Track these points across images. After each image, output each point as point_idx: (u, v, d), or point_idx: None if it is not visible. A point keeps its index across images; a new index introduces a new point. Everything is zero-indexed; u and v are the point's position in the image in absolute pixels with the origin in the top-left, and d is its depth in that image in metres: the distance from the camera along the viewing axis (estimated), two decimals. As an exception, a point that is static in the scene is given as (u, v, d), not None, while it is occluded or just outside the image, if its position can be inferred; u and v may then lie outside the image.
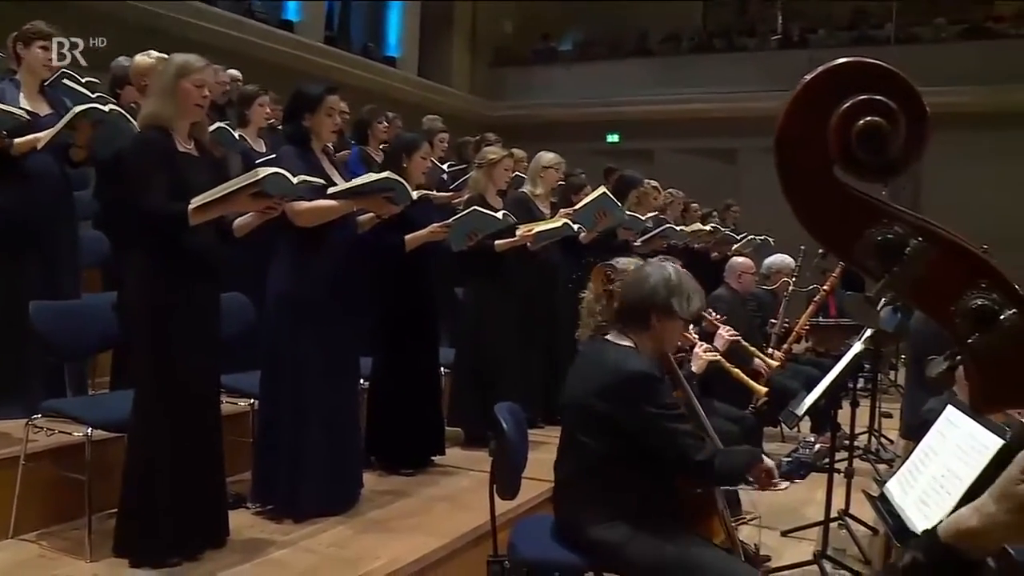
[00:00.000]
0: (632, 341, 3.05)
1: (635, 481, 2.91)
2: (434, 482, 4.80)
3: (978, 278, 0.90)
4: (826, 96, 0.89)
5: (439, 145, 7.25)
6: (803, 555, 4.51)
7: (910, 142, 0.88)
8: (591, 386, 2.97)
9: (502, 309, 5.60)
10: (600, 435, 2.93)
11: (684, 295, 3.04)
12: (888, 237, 0.89)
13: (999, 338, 0.89)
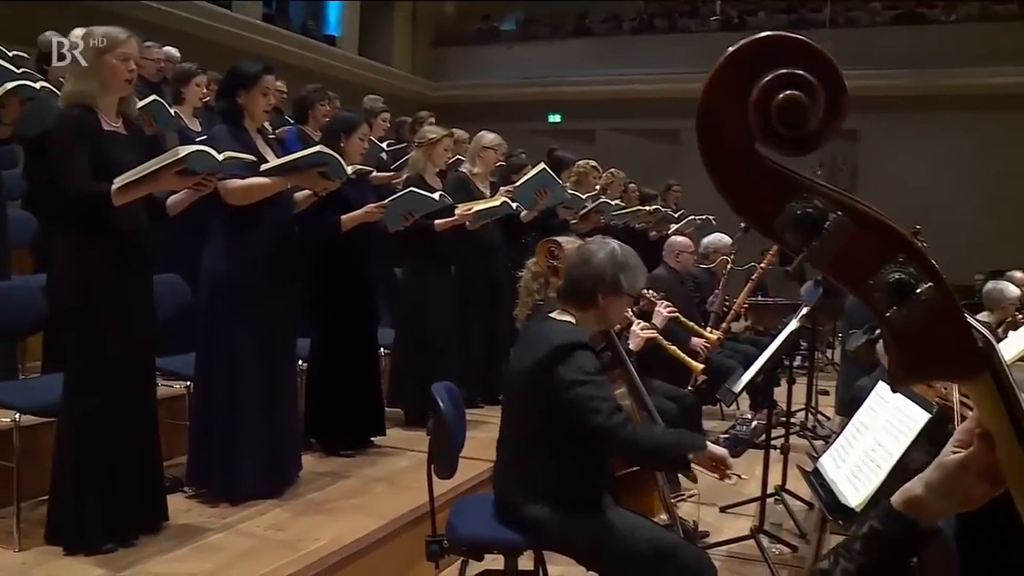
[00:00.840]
0: (574, 318, 3.05)
1: (571, 458, 2.92)
2: (374, 463, 4.79)
3: (895, 252, 0.90)
4: (746, 70, 0.88)
5: (380, 125, 7.18)
6: (741, 530, 4.58)
7: (829, 116, 0.87)
8: (529, 361, 2.96)
9: (441, 289, 5.60)
10: (537, 412, 2.92)
11: (630, 272, 3.05)
12: (807, 211, 0.89)
13: (915, 311, 0.90)
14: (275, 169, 4.00)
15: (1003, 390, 0.97)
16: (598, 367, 2.93)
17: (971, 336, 0.94)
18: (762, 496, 4.56)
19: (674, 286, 6.33)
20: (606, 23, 18.24)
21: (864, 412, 3.22)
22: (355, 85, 12.99)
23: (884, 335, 0.93)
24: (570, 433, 2.88)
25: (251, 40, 13.03)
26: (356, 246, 4.84)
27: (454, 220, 5.43)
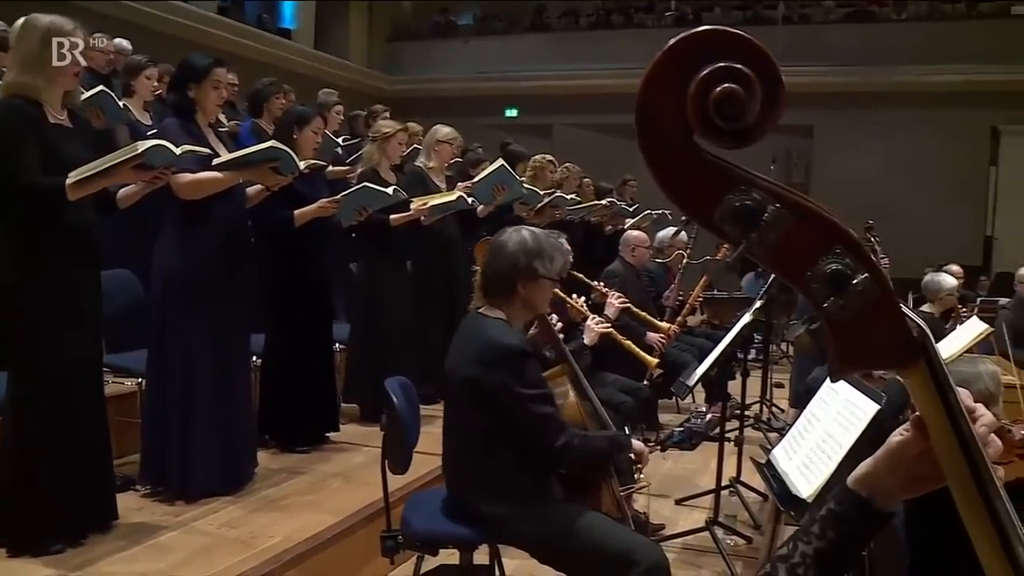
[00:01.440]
0: (503, 312, 3.05)
1: (519, 453, 2.92)
2: (328, 459, 4.77)
3: (832, 244, 0.91)
4: (684, 65, 0.89)
5: (334, 118, 7.13)
6: (696, 522, 4.63)
7: (766, 109, 0.88)
8: (466, 361, 2.96)
9: (397, 284, 5.58)
10: (479, 409, 2.92)
11: (545, 256, 3.03)
12: (746, 203, 0.90)
13: (852, 302, 0.91)
14: (227, 164, 3.96)
15: (937, 379, 0.98)
16: (539, 375, 2.98)
17: (906, 326, 0.96)
18: (716, 488, 4.60)
19: (630, 281, 6.37)
20: (563, 18, 18.28)
21: (815, 404, 3.27)
22: (310, 79, 12.89)
23: (822, 325, 0.94)
24: (518, 432, 2.89)
25: (205, 33, 12.88)
26: (310, 241, 4.80)
27: (409, 215, 5.41)
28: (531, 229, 3.15)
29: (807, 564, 1.09)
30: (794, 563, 1.10)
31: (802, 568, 1.09)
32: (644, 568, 2.76)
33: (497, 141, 9.41)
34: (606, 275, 6.14)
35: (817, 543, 1.09)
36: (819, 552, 1.09)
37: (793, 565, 1.10)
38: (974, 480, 1.00)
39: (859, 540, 1.12)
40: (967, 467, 1.00)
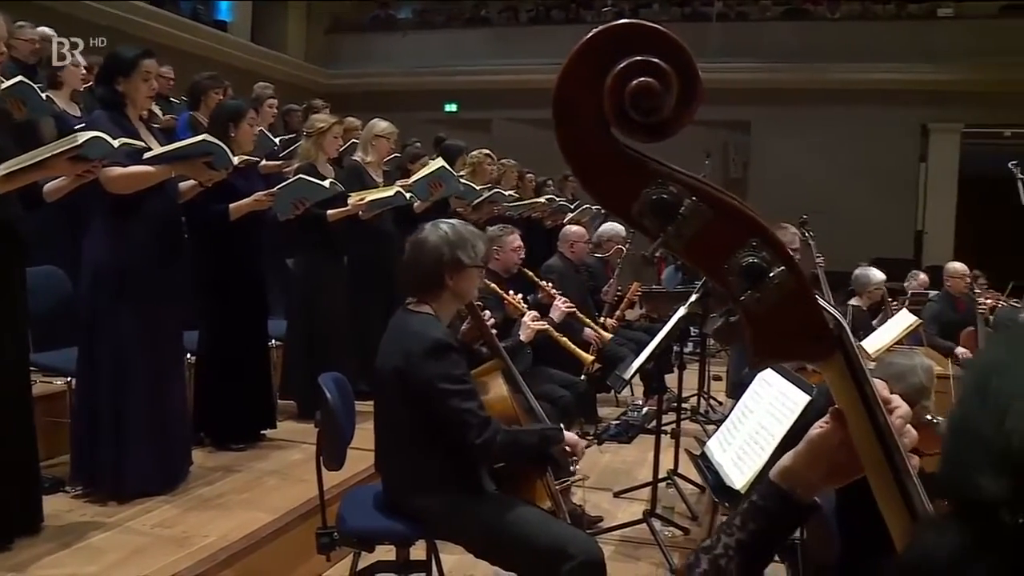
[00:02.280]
0: (431, 307, 3.05)
1: (449, 447, 2.92)
2: (265, 456, 4.73)
3: (749, 236, 0.92)
4: (601, 58, 0.89)
5: (268, 112, 7.03)
6: (635, 514, 4.67)
7: (682, 103, 0.89)
8: (393, 355, 2.95)
9: (333, 279, 5.55)
10: (407, 403, 2.92)
11: (467, 244, 3.05)
12: (663, 197, 0.91)
13: (768, 294, 0.92)
14: (159, 158, 3.89)
15: (853, 370, 1.00)
16: (464, 369, 2.97)
17: (822, 318, 0.97)
18: (654, 480, 4.64)
19: (568, 275, 6.39)
20: (503, 13, 18.27)
21: (748, 396, 3.32)
22: (247, 72, 12.71)
23: (740, 318, 0.95)
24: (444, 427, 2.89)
25: (139, 24, 12.61)
26: (245, 236, 4.74)
27: (347, 210, 5.37)
28: (448, 222, 3.17)
29: (729, 556, 1.11)
30: (717, 554, 1.12)
31: (724, 559, 1.11)
32: (578, 561, 2.77)
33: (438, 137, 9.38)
34: (545, 270, 6.16)
35: (739, 535, 1.11)
36: (741, 543, 1.11)
37: (716, 556, 1.11)
38: (889, 467, 1.03)
39: (780, 531, 1.15)
40: (883, 455, 1.02)
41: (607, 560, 3.37)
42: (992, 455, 0.72)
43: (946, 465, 0.79)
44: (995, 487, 0.71)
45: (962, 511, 0.75)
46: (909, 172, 15.01)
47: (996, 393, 0.76)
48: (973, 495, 0.73)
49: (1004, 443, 0.71)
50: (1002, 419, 0.72)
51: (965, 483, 0.74)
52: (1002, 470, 0.71)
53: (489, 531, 2.86)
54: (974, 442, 0.75)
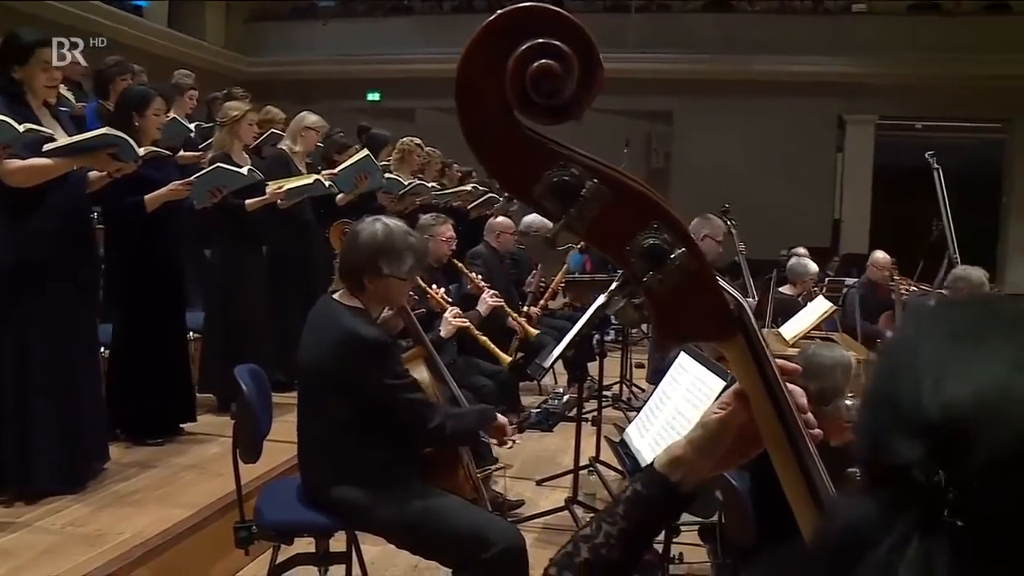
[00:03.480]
0: (360, 301, 3.00)
1: (374, 440, 2.91)
2: (183, 451, 4.64)
3: (650, 219, 0.93)
4: (502, 41, 0.88)
5: (186, 102, 6.88)
6: (557, 502, 4.71)
7: (583, 85, 0.89)
8: (323, 349, 2.92)
9: (252, 270, 5.47)
10: (336, 397, 2.90)
11: (393, 254, 2.95)
12: (564, 179, 0.90)
13: (670, 276, 0.93)
14: (59, 150, 3.75)
15: (754, 351, 1.02)
16: (402, 364, 2.98)
17: (724, 300, 0.99)
18: (575, 468, 4.68)
19: (493, 264, 6.40)
20: (426, 1, 18.16)
21: (666, 382, 3.35)
22: (164, 59, 12.39)
23: (643, 300, 0.96)
24: (377, 419, 2.87)
25: (49, 7, 12.20)
26: (161, 226, 4.62)
27: (265, 199, 5.28)
28: (388, 222, 3.05)
29: (611, 544, 1.11)
30: (598, 543, 1.12)
31: (606, 548, 1.11)
32: (499, 549, 2.78)
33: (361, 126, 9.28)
34: (470, 257, 6.15)
35: (622, 523, 1.12)
36: (623, 532, 1.11)
37: (597, 545, 1.11)
38: (791, 449, 1.05)
39: (663, 520, 1.16)
40: (785, 436, 1.04)
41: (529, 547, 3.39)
42: (906, 422, 0.76)
43: (863, 435, 0.82)
44: (909, 450, 0.75)
45: (877, 477, 0.78)
46: (826, 163, 15.36)
47: (908, 368, 0.80)
48: (888, 460, 0.76)
49: (917, 412, 0.76)
50: (915, 391, 0.77)
51: (881, 449, 0.77)
52: (916, 435, 0.75)
53: (409, 521, 2.86)
54: (889, 412, 0.78)
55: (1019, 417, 0.73)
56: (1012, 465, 0.73)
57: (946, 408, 0.75)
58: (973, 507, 0.73)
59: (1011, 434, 0.73)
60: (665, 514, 1.15)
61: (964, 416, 0.74)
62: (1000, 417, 0.74)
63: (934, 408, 0.75)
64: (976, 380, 0.75)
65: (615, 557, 1.11)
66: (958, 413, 0.74)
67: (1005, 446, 0.73)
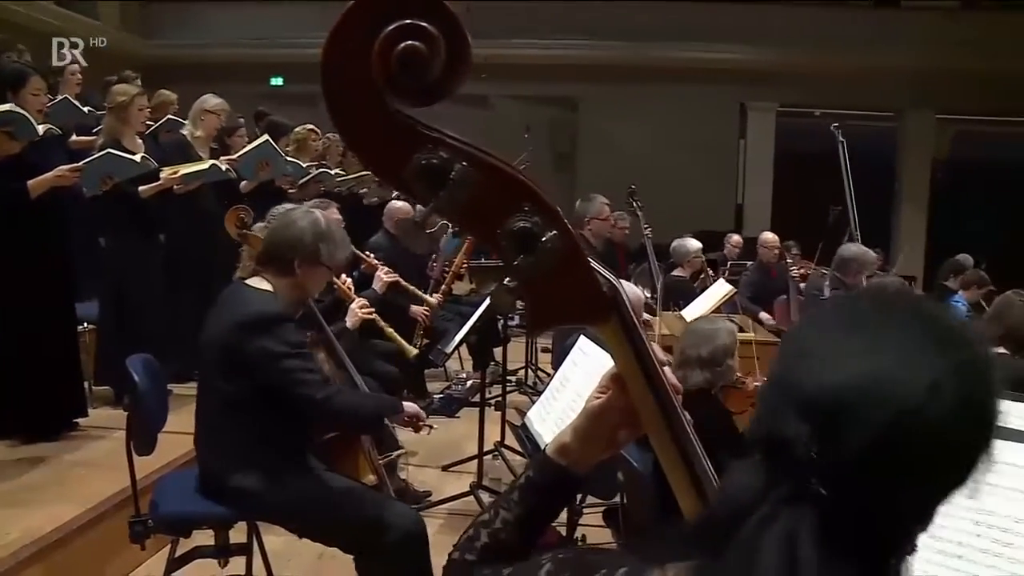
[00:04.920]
0: (272, 285, 2.98)
1: (271, 424, 2.87)
2: (76, 446, 4.50)
3: (521, 202, 0.93)
4: (368, 22, 0.87)
5: (71, 80, 6.61)
6: (462, 488, 4.71)
7: (451, 66, 0.89)
8: (224, 329, 2.89)
9: (148, 258, 5.30)
10: (233, 378, 2.86)
11: (331, 243, 3.01)
12: (432, 162, 0.90)
13: (541, 259, 0.93)
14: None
15: (629, 333, 1.03)
16: (301, 339, 2.93)
17: (596, 282, 0.99)
18: (479, 453, 4.69)
19: (393, 252, 6.33)
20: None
21: (566, 365, 3.38)
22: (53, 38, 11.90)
23: (516, 283, 0.96)
24: (272, 401, 2.84)
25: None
26: (48, 214, 4.45)
27: (160, 184, 5.12)
28: (324, 213, 3.14)
29: (508, 529, 1.14)
30: (496, 528, 1.15)
31: (504, 533, 1.14)
32: (400, 534, 2.79)
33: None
34: (370, 247, 6.08)
35: (517, 510, 1.15)
36: (519, 517, 1.14)
37: (495, 530, 1.15)
38: (668, 428, 1.06)
39: (558, 505, 1.20)
40: (661, 416, 1.06)
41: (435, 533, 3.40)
42: (795, 402, 0.83)
43: (760, 412, 0.88)
44: (796, 428, 0.81)
45: (767, 453, 0.84)
46: (729, 148, 15.61)
47: (801, 353, 0.87)
48: (779, 435, 0.82)
49: (803, 393, 0.83)
50: (804, 374, 0.84)
51: (774, 427, 0.83)
52: (802, 414, 0.81)
53: (308, 508, 2.84)
54: (783, 393, 0.85)
55: (893, 402, 0.79)
56: (880, 448, 0.79)
57: (828, 390, 0.81)
58: (840, 482, 0.79)
59: (884, 420, 0.79)
60: (559, 499, 1.19)
61: (844, 399, 0.80)
62: (876, 401, 0.80)
63: (817, 390, 0.82)
64: (858, 367, 0.82)
65: (512, 541, 1.13)
66: (838, 396, 0.81)
67: (876, 431, 0.79)
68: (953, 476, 0.85)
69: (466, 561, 1.14)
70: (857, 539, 0.81)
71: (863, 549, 0.81)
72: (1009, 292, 4.26)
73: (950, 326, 0.87)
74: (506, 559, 1.11)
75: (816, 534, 0.78)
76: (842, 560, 0.79)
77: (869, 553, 0.82)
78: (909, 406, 0.79)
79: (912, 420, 0.79)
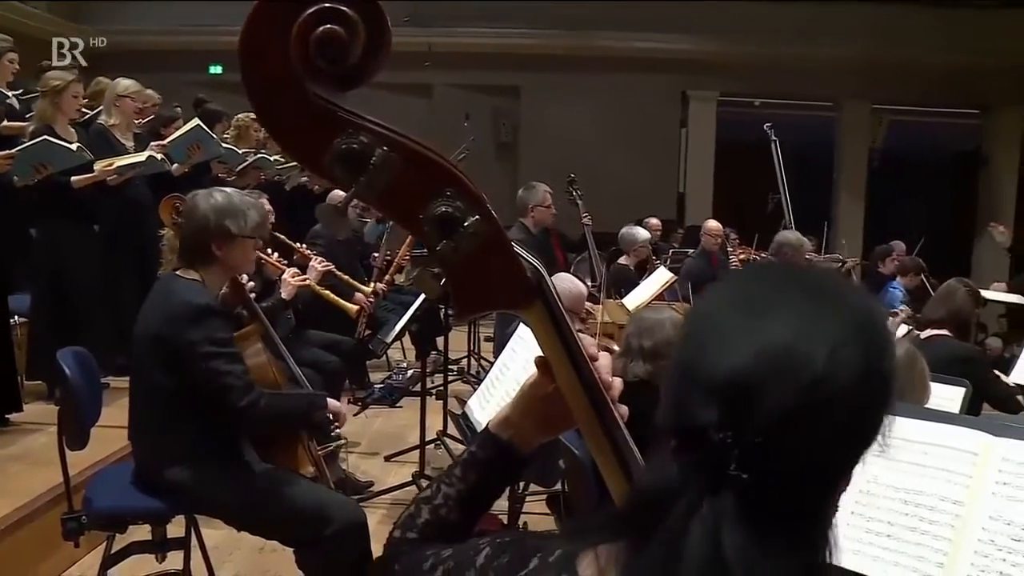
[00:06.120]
0: (199, 275, 2.94)
1: (207, 416, 2.84)
2: (8, 442, 4.41)
3: (443, 186, 0.92)
4: (286, 6, 0.86)
5: (7, 68, 6.43)
6: (405, 477, 4.71)
7: (370, 50, 0.88)
8: (154, 322, 2.84)
9: (83, 249, 5.19)
10: (165, 370, 2.82)
11: (238, 214, 2.95)
12: (352, 147, 0.89)
13: (464, 244, 0.93)
14: None
15: (554, 318, 1.03)
16: (228, 334, 2.90)
17: (521, 267, 0.99)
18: (421, 442, 4.69)
19: (334, 242, 6.29)
20: (270, -28, 17.62)
21: (506, 353, 3.39)
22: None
23: (439, 268, 0.96)
24: (204, 393, 2.80)
25: None
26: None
27: (94, 176, 5.01)
28: (222, 189, 3.06)
29: (449, 505, 1.13)
30: (437, 504, 1.14)
31: (444, 509, 1.13)
32: (339, 526, 2.77)
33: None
34: (311, 236, 6.03)
35: (459, 485, 1.14)
36: (461, 493, 1.13)
37: (436, 506, 1.14)
38: (595, 414, 1.06)
39: (500, 481, 1.19)
40: (588, 402, 1.05)
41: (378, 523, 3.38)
42: (700, 387, 0.81)
43: (666, 401, 0.86)
44: (705, 414, 0.80)
45: (681, 441, 0.82)
46: (671, 137, 15.72)
47: (700, 336, 0.85)
48: (690, 423, 0.81)
49: (707, 377, 0.81)
50: (706, 357, 0.82)
51: (683, 414, 0.82)
52: (709, 399, 0.80)
53: (245, 501, 2.81)
54: (687, 379, 0.83)
55: (798, 377, 0.79)
56: (791, 422, 0.79)
57: (731, 371, 0.80)
58: (757, 462, 0.78)
59: (790, 393, 0.78)
60: (501, 476, 1.17)
61: (747, 378, 0.79)
62: (780, 377, 0.79)
63: (720, 371, 0.80)
64: (758, 344, 0.80)
65: (453, 518, 1.13)
66: (742, 375, 0.79)
67: (784, 405, 0.78)
68: (865, 437, 0.85)
69: (407, 539, 1.14)
70: (781, 514, 0.81)
71: (788, 522, 0.81)
72: (953, 280, 4.58)
73: (838, 290, 0.87)
74: (447, 538, 1.10)
75: (739, 517, 0.78)
76: (768, 538, 0.79)
77: (795, 525, 0.82)
78: (812, 376, 0.79)
79: (818, 389, 0.79)
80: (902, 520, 1.97)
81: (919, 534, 1.93)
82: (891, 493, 2.02)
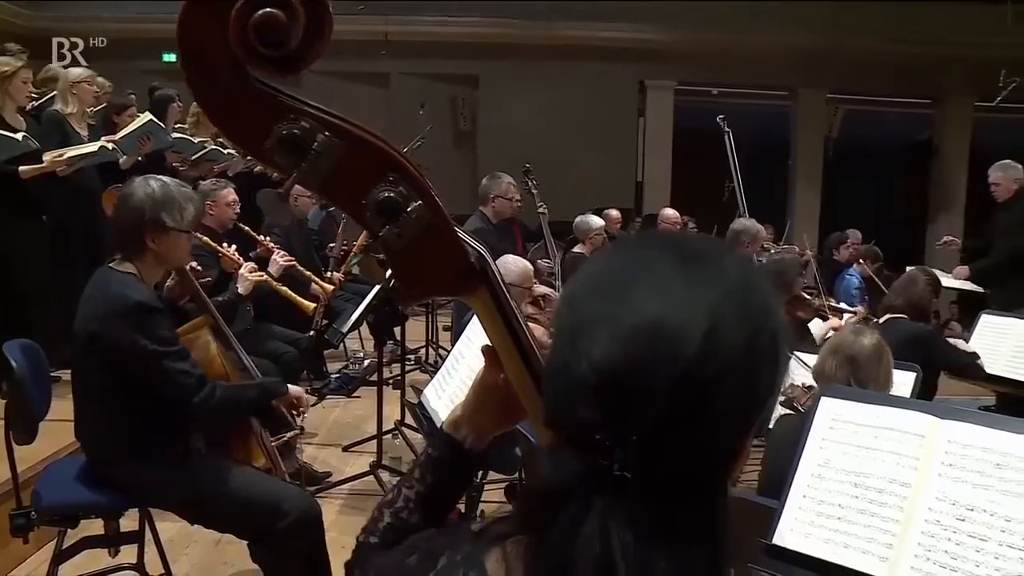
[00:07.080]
0: (134, 266, 2.87)
1: (151, 410, 2.79)
2: (-45, 438, 4.30)
3: (385, 172, 0.92)
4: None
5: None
6: (363, 467, 4.70)
7: (309, 35, 0.87)
8: (89, 316, 2.79)
9: (30, 240, 5.09)
10: (104, 365, 2.77)
11: (175, 206, 2.86)
12: (293, 132, 0.89)
13: (407, 229, 0.93)
14: None
15: (499, 303, 1.02)
16: (171, 330, 2.85)
17: (464, 252, 0.99)
18: (379, 432, 4.68)
19: (293, 231, 6.25)
20: (225, -41, 17.39)
21: (461, 342, 3.39)
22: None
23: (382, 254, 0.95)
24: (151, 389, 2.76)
25: None
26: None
27: (43, 167, 4.90)
28: (161, 179, 2.96)
29: (410, 508, 1.13)
30: (398, 507, 1.13)
31: (406, 512, 1.13)
32: (293, 518, 2.76)
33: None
34: (268, 226, 5.98)
35: (419, 487, 1.13)
36: (420, 495, 1.13)
37: (397, 509, 1.13)
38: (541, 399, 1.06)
39: (457, 480, 1.17)
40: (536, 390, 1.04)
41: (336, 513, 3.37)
42: (576, 386, 0.77)
43: (548, 399, 0.83)
44: (588, 413, 0.76)
45: (571, 439, 0.79)
46: (628, 126, 15.78)
47: (569, 331, 0.80)
48: (572, 425, 0.78)
49: (581, 375, 0.77)
50: (576, 354, 0.77)
51: (565, 417, 0.79)
52: (586, 397, 0.76)
53: (198, 494, 2.78)
54: (563, 378, 0.79)
55: (673, 358, 0.74)
56: (675, 409, 0.75)
57: (600, 366, 0.75)
58: (641, 460, 0.75)
59: (667, 377, 0.74)
60: (457, 475, 1.16)
61: (619, 370, 0.75)
62: (653, 362, 0.74)
63: (591, 369, 0.76)
64: (624, 329, 0.75)
65: (415, 520, 1.12)
66: (612, 369, 0.75)
67: (663, 392, 0.74)
68: (759, 406, 0.80)
69: (370, 544, 1.13)
70: (673, 508, 0.77)
71: (681, 515, 0.78)
72: (914, 268, 4.70)
73: (707, 255, 0.81)
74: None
75: (629, 514, 0.75)
76: (660, 533, 0.76)
77: (689, 516, 0.78)
78: (691, 353, 0.74)
79: (700, 367, 0.74)
80: (852, 503, 2.00)
81: (869, 516, 1.96)
82: (842, 476, 2.05)
